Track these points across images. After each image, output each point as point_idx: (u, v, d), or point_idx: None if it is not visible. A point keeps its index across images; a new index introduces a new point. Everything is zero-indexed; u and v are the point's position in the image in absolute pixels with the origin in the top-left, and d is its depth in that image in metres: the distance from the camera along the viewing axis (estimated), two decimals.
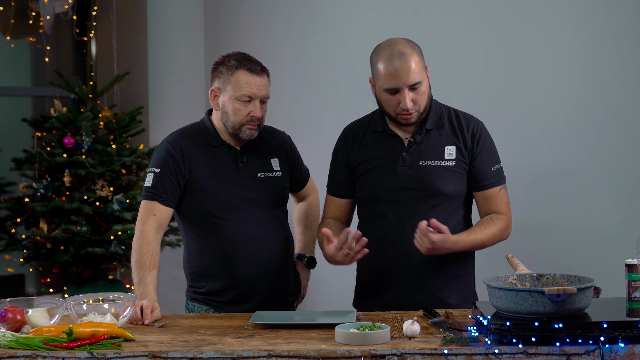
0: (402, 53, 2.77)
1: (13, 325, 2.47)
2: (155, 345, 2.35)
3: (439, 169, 2.85)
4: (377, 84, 2.84)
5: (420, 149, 2.87)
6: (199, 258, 3.01)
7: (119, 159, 5.21)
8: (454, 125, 2.90)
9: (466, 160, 2.87)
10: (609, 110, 3.49)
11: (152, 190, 2.94)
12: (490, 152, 2.90)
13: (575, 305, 2.31)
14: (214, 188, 2.95)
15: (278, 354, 2.26)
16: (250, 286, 2.98)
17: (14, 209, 5.28)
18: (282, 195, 3.10)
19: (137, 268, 2.86)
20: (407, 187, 2.85)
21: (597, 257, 3.47)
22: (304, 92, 4.86)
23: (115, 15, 5.94)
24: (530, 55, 3.71)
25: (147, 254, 2.86)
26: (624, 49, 3.46)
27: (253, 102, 2.94)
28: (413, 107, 2.79)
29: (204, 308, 3.01)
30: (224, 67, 2.96)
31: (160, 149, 3.00)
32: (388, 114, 2.86)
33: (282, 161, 3.10)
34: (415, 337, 2.36)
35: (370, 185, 2.92)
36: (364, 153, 2.95)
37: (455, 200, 2.88)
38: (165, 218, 2.95)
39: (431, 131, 2.88)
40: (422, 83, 2.80)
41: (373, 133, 2.96)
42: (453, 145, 2.87)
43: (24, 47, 6.26)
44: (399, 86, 2.77)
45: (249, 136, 2.96)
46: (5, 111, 6.19)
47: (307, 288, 3.26)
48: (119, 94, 5.74)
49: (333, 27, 4.66)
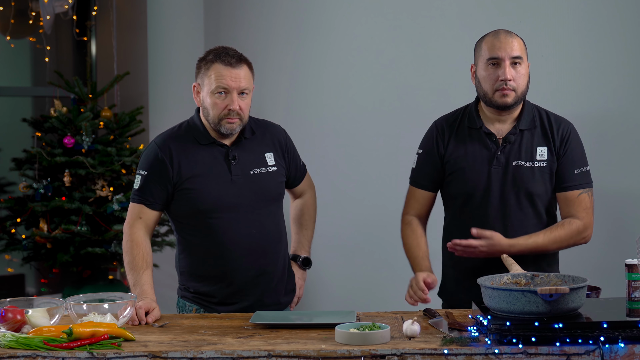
0: (508, 32, 2.90)
1: (13, 325, 2.46)
2: (155, 345, 2.35)
3: (530, 169, 2.90)
4: (479, 60, 2.91)
5: (513, 148, 2.91)
6: (189, 257, 2.99)
7: (119, 159, 5.21)
8: (545, 127, 2.94)
9: (555, 161, 2.92)
10: (608, 110, 3.49)
11: (139, 194, 2.93)
12: (577, 154, 2.94)
13: (568, 305, 2.31)
14: (204, 188, 2.91)
15: (278, 354, 2.26)
16: (240, 287, 2.94)
17: (14, 209, 5.28)
18: (278, 191, 3.04)
19: (130, 270, 2.86)
20: (500, 186, 2.90)
21: (597, 257, 3.47)
22: (303, 91, 4.86)
23: (115, 15, 5.93)
24: (530, 55, 3.72)
25: (139, 255, 2.86)
26: (624, 49, 3.46)
27: (230, 94, 2.87)
28: (512, 83, 2.84)
29: (195, 307, 3.00)
30: (203, 62, 2.93)
31: (148, 151, 2.97)
32: (485, 92, 2.89)
33: (277, 155, 3.04)
34: (415, 337, 2.36)
35: (463, 183, 2.95)
36: (457, 148, 2.97)
37: (544, 199, 2.93)
38: (152, 221, 2.94)
39: (524, 132, 2.93)
40: (523, 64, 2.88)
41: (467, 129, 2.98)
42: (545, 147, 2.92)
43: (24, 47, 6.25)
44: (501, 56, 2.84)
45: (229, 130, 2.90)
46: (5, 111, 6.18)
47: (303, 289, 3.20)
48: (119, 94, 5.74)
49: (333, 27, 4.66)
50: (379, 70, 4.46)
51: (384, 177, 4.47)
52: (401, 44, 4.33)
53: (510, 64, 2.85)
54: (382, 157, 4.50)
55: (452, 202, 3.02)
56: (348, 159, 4.67)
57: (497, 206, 2.91)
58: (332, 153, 4.69)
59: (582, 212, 2.92)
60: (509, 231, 2.88)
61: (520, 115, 2.94)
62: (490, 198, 2.91)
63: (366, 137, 4.58)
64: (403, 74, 4.38)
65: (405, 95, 4.39)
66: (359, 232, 4.63)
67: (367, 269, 4.53)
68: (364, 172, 4.60)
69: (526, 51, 2.91)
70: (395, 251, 3.28)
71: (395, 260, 3.83)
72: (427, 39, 4.27)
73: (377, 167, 4.53)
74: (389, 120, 4.45)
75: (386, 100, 4.46)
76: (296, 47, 4.89)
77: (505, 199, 2.90)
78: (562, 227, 2.89)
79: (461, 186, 2.96)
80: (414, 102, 4.31)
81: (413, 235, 3.03)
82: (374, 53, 4.47)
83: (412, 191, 3.08)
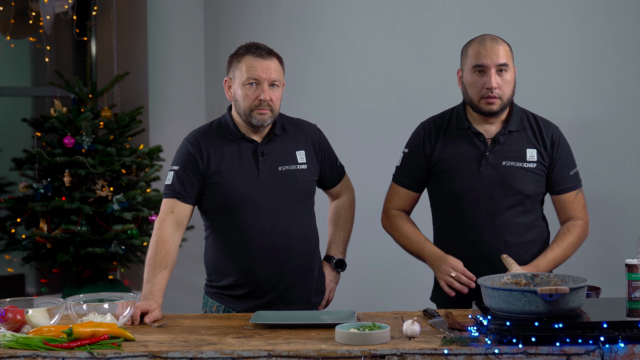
0: (494, 38, 2.92)
1: (13, 325, 2.47)
2: (155, 345, 2.35)
3: (521, 170, 2.92)
4: (466, 66, 2.93)
5: (502, 149, 2.94)
6: (214, 252, 3.01)
7: (119, 159, 5.20)
8: (534, 129, 2.98)
9: (546, 163, 2.95)
10: (608, 109, 3.49)
11: (171, 188, 2.95)
12: (569, 157, 3.00)
13: (568, 305, 2.32)
14: (231, 182, 2.92)
15: (278, 354, 2.26)
16: (260, 283, 2.94)
17: (14, 209, 5.27)
18: (306, 189, 3.02)
19: (148, 265, 2.86)
20: (489, 186, 2.92)
21: (597, 257, 3.47)
22: (304, 92, 4.86)
23: (115, 15, 5.93)
24: (530, 55, 3.72)
25: (161, 252, 2.86)
26: (624, 49, 3.46)
27: (260, 85, 2.90)
28: (497, 91, 2.86)
29: (216, 304, 3.01)
30: (234, 57, 2.98)
31: (180, 148, 3.00)
32: (472, 99, 2.92)
33: (309, 154, 3.03)
34: (415, 337, 2.36)
35: (452, 182, 2.96)
36: (446, 149, 2.99)
37: (534, 200, 2.97)
38: (184, 216, 2.94)
39: (513, 133, 2.95)
40: (509, 71, 2.90)
41: (456, 130, 3.00)
42: (534, 149, 2.95)
43: (24, 47, 6.25)
44: (487, 64, 2.87)
45: (261, 122, 2.92)
46: (5, 111, 6.18)
47: (334, 292, 3.16)
48: (119, 94, 5.74)
49: (333, 27, 4.66)
50: (379, 70, 4.47)
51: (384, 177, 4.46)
52: (402, 43, 4.33)
53: (496, 71, 2.86)
54: (382, 157, 4.49)
55: (441, 202, 3.03)
56: (347, 159, 4.66)
57: (487, 206, 2.92)
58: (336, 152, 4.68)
59: (581, 211, 2.99)
60: (498, 231, 2.91)
61: (509, 117, 2.96)
62: (480, 198, 2.92)
63: (366, 137, 4.58)
64: (403, 74, 4.38)
65: (405, 95, 4.39)
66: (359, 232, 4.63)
67: (367, 269, 4.53)
68: (363, 172, 4.59)
69: (512, 56, 2.92)
70: (396, 251, 3.27)
71: (395, 261, 3.83)
72: (427, 39, 4.27)
73: (376, 167, 4.52)
74: (388, 120, 4.45)
75: (386, 100, 4.46)
76: (297, 47, 4.89)
77: (494, 198, 2.92)
78: (570, 233, 2.95)
79: (450, 186, 2.97)
80: (414, 102, 4.31)
81: (408, 223, 3.04)
82: (374, 53, 4.47)
83: (395, 189, 3.09)
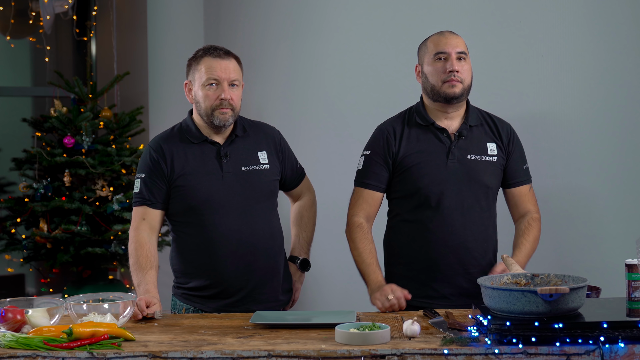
0: (452, 32, 3.06)
1: (13, 325, 2.47)
2: (155, 345, 2.35)
3: (484, 163, 3.02)
4: (425, 58, 3.02)
5: (466, 143, 3.02)
6: (181, 254, 3.02)
7: (119, 159, 5.21)
8: (490, 125, 3.08)
9: (504, 157, 3.05)
10: (608, 109, 3.49)
11: (140, 196, 2.99)
12: (522, 152, 3.14)
13: (568, 305, 2.31)
14: (196, 184, 2.95)
15: (278, 354, 2.26)
16: (229, 282, 2.96)
17: (14, 209, 5.28)
18: (270, 189, 3.06)
19: (135, 270, 2.90)
20: (456, 179, 2.98)
21: (597, 257, 3.47)
22: (302, 92, 4.86)
23: (115, 15, 5.94)
24: (530, 55, 3.72)
25: (142, 255, 2.90)
26: (624, 49, 3.46)
27: (220, 85, 2.94)
28: (459, 75, 2.96)
29: (185, 307, 3.01)
30: (193, 60, 3.02)
31: (143, 155, 3.04)
32: (433, 85, 2.99)
33: (270, 154, 3.07)
34: (415, 337, 2.36)
35: (419, 178, 2.99)
36: (409, 147, 3.03)
37: (494, 193, 3.07)
38: (156, 221, 2.98)
39: (473, 128, 3.05)
40: (467, 60, 3.01)
41: (417, 127, 3.05)
42: (494, 143, 3.05)
43: (24, 47, 6.26)
44: (448, 50, 2.98)
45: (223, 121, 2.95)
46: (5, 111, 6.18)
47: (299, 292, 3.19)
48: (119, 94, 5.74)
49: (332, 27, 4.66)
50: (378, 70, 4.46)
51: None
52: (400, 43, 4.33)
53: (456, 58, 2.97)
54: None
55: (406, 200, 3.03)
56: (346, 159, 4.66)
57: (456, 200, 2.97)
58: (330, 153, 4.69)
59: (535, 204, 3.11)
60: (468, 224, 2.97)
61: (467, 112, 3.06)
62: (449, 192, 2.97)
63: (364, 137, 4.57)
64: (401, 74, 4.38)
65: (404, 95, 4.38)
66: None
67: None
68: None
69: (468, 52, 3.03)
70: None
71: None
72: None
73: None
74: None
75: (383, 100, 4.46)
76: (297, 48, 4.89)
77: (462, 192, 2.98)
78: (532, 227, 3.06)
79: (418, 182, 2.99)
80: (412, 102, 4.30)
81: (365, 240, 3.05)
82: (374, 53, 4.47)
83: (359, 192, 3.09)
